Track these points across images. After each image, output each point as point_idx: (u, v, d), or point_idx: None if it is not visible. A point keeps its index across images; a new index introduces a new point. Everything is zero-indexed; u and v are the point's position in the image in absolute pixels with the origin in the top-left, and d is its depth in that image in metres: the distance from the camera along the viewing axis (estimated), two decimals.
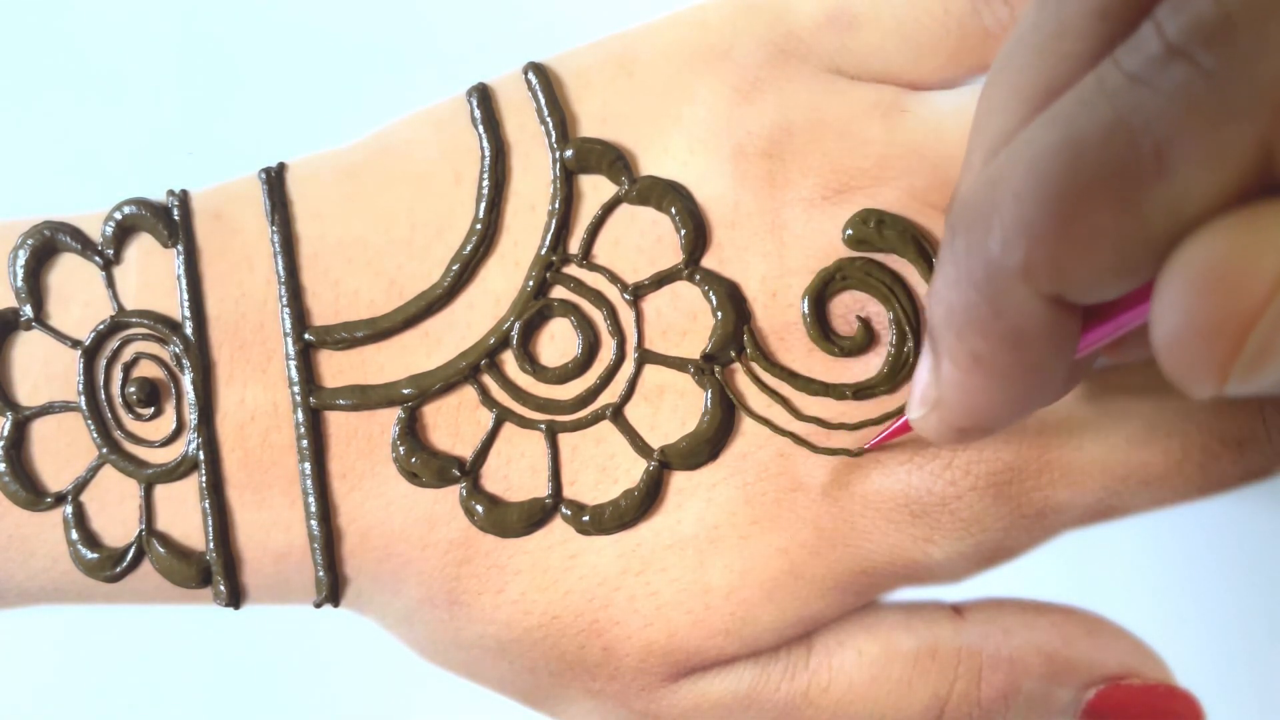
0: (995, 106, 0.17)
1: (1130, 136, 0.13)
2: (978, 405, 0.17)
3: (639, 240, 0.23)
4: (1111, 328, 0.16)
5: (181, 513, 0.23)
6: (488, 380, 0.23)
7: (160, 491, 0.23)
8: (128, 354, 0.24)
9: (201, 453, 0.23)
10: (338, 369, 0.23)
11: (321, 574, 0.23)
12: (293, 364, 0.23)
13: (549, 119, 0.23)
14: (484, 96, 0.24)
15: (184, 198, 0.24)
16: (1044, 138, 0.14)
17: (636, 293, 0.23)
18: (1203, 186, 0.13)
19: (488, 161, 0.23)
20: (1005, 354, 0.16)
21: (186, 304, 0.23)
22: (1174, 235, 0.13)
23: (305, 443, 0.23)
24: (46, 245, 0.24)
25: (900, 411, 0.21)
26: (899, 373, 0.22)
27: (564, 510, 0.23)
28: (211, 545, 0.23)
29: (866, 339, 0.22)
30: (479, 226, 0.23)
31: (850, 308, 0.23)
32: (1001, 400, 0.16)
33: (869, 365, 0.22)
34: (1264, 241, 0.13)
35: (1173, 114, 0.13)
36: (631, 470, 0.23)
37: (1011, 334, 0.15)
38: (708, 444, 0.23)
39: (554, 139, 0.23)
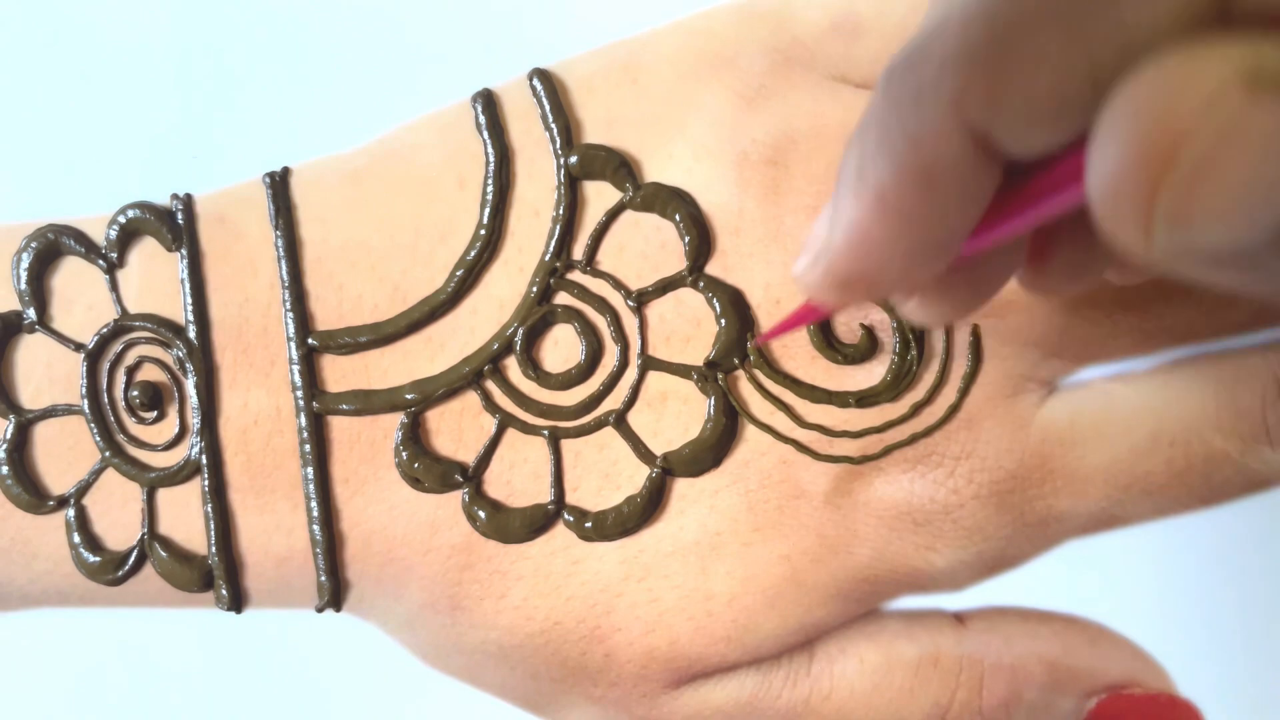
0: None
1: None
2: (870, 249, 0.15)
3: (643, 246, 0.23)
4: (1031, 214, 0.15)
5: (184, 516, 0.23)
6: (491, 386, 0.23)
7: (162, 495, 0.23)
8: (131, 357, 0.24)
9: (204, 457, 0.23)
10: (341, 374, 0.23)
11: (323, 579, 0.23)
12: (296, 368, 0.23)
13: (553, 125, 0.23)
14: (489, 102, 0.24)
15: (188, 201, 0.24)
16: None
17: (640, 299, 0.23)
18: (1152, 12, 0.12)
19: (492, 167, 0.23)
20: (912, 191, 0.14)
21: (190, 308, 0.23)
22: (1117, 69, 0.12)
23: (308, 447, 0.23)
24: (50, 248, 0.24)
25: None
26: (902, 380, 0.22)
27: (566, 516, 0.23)
28: (213, 549, 0.23)
29: (869, 347, 0.22)
30: (483, 232, 0.23)
31: (853, 315, 0.23)
32: (894, 247, 0.15)
33: (872, 373, 0.22)
34: (1201, 70, 0.11)
35: None
36: (634, 476, 0.23)
37: (925, 169, 0.14)
38: (710, 451, 0.22)
39: (558, 145, 0.23)
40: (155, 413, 0.23)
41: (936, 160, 0.14)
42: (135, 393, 0.23)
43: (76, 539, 0.23)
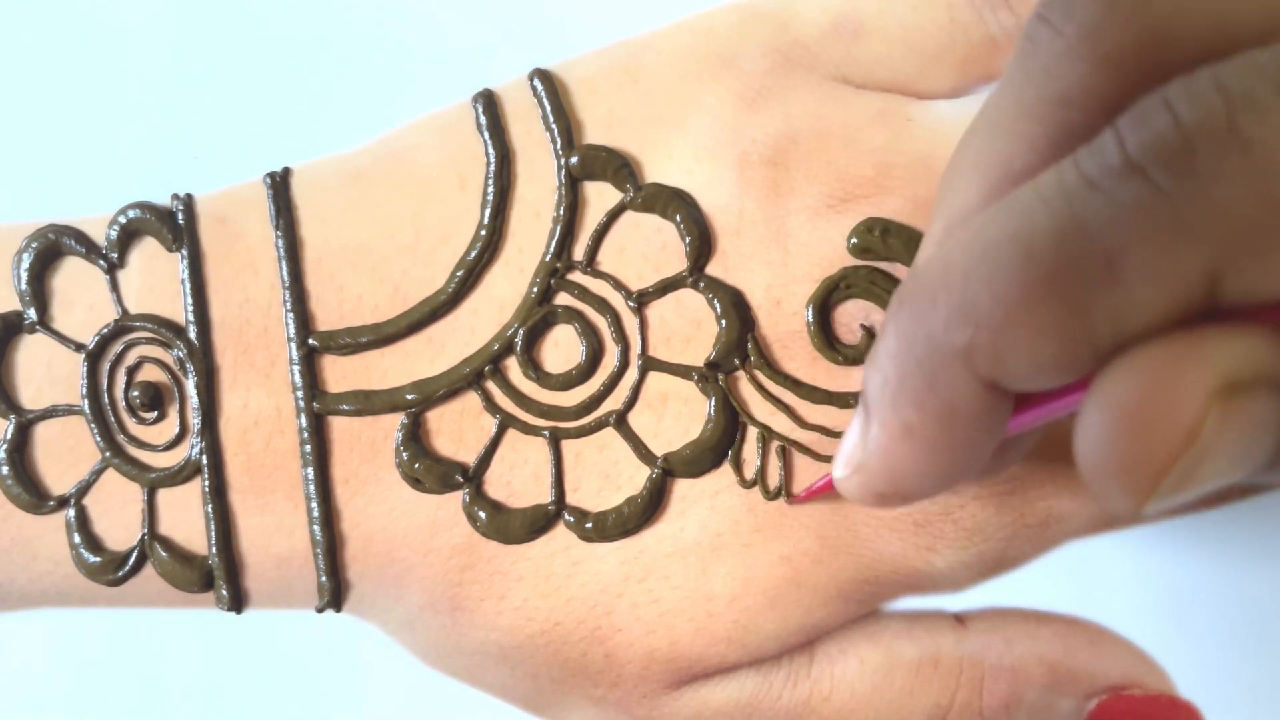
0: (957, 180, 0.17)
1: (1083, 241, 0.14)
2: (901, 473, 0.17)
3: (643, 247, 0.23)
4: (1042, 413, 0.16)
5: (184, 517, 0.23)
6: (491, 386, 0.23)
7: (163, 495, 0.23)
8: (131, 358, 0.24)
9: (204, 457, 0.23)
10: (341, 374, 0.23)
11: (324, 579, 0.23)
12: (296, 369, 0.23)
13: (554, 125, 0.23)
14: (489, 102, 0.24)
15: (188, 202, 0.24)
16: (999, 227, 0.15)
17: (641, 300, 0.23)
18: (1148, 301, 0.13)
19: (493, 167, 0.23)
20: (935, 428, 0.16)
21: (190, 308, 0.23)
22: (1117, 344, 0.14)
23: (308, 448, 0.23)
24: (51, 248, 0.24)
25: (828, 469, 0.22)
26: None
27: (567, 517, 0.23)
28: (214, 550, 0.23)
29: (870, 347, 0.22)
30: (483, 232, 0.23)
31: (854, 316, 0.23)
32: (925, 471, 0.17)
33: None
34: (1188, 379, 0.13)
35: (1126, 226, 0.13)
36: (635, 477, 0.23)
37: (944, 410, 0.16)
38: (711, 451, 0.22)
39: (559, 145, 0.23)
40: (155, 413, 0.23)
41: (954, 403, 0.15)
42: (136, 393, 0.23)
43: (77, 539, 0.23)
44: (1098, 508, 0.22)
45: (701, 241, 0.23)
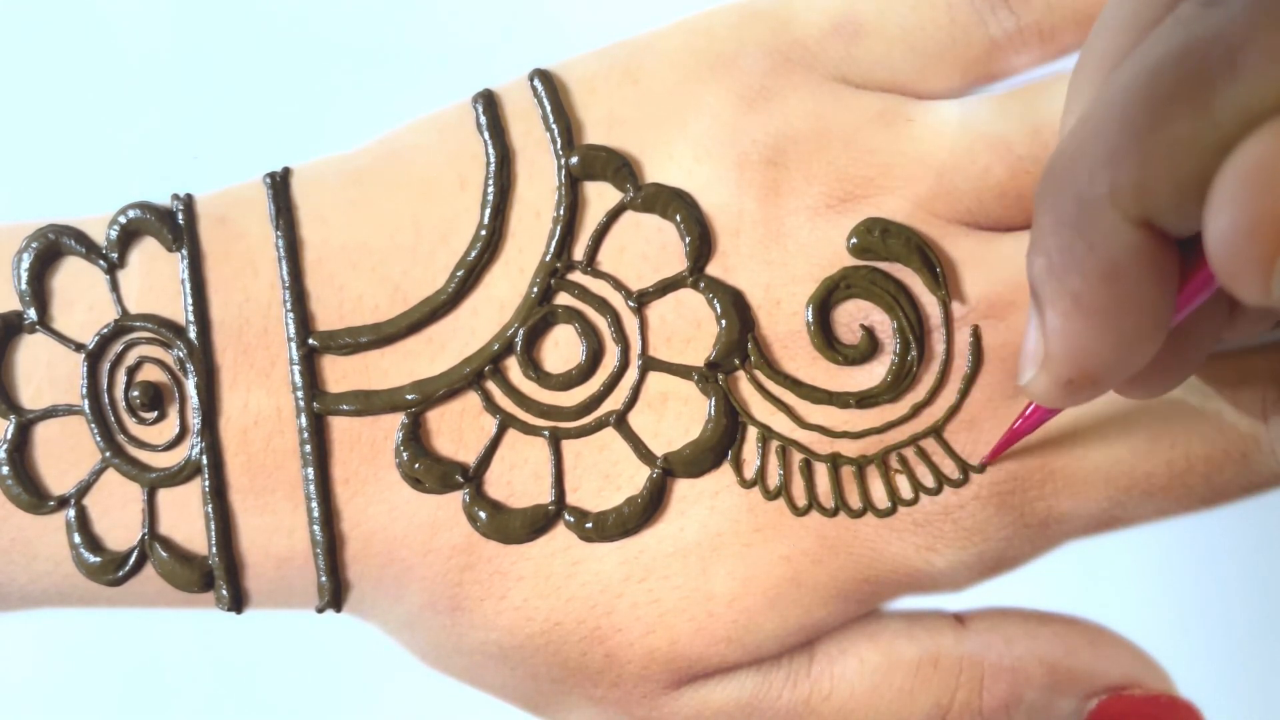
0: (1079, 82, 0.17)
1: (1204, 47, 0.14)
2: (1082, 351, 0.16)
3: (643, 247, 0.23)
4: (1204, 278, 0.16)
5: (184, 517, 0.23)
6: (491, 386, 0.23)
7: (163, 495, 0.23)
8: (131, 358, 0.24)
9: (204, 457, 0.23)
10: (341, 374, 0.23)
11: (324, 579, 0.23)
12: (296, 369, 0.23)
13: (554, 125, 0.23)
14: (489, 102, 0.24)
15: (188, 202, 0.24)
16: (1123, 74, 0.15)
17: (641, 300, 0.23)
18: (1271, 80, 0.13)
19: (493, 167, 0.23)
20: (1103, 289, 0.16)
21: (190, 308, 0.23)
22: (1244, 136, 0.13)
23: (308, 448, 0.23)
24: (50, 249, 0.24)
25: (1015, 419, 0.21)
26: (902, 381, 0.22)
27: (567, 517, 0.23)
28: (214, 550, 0.23)
29: (870, 348, 0.22)
30: (483, 232, 0.23)
31: (854, 316, 0.23)
32: (1105, 343, 0.16)
33: (872, 374, 0.22)
34: None
35: (1244, 20, 0.13)
36: (635, 477, 0.23)
37: (1108, 267, 0.15)
38: (711, 451, 0.23)
39: (559, 145, 0.23)
40: (155, 413, 0.23)
41: (1114, 256, 0.15)
42: (136, 393, 0.23)
43: (77, 539, 0.23)
44: (1098, 508, 0.22)
45: (701, 241, 0.23)
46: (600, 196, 0.23)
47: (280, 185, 0.24)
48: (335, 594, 0.23)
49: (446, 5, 0.37)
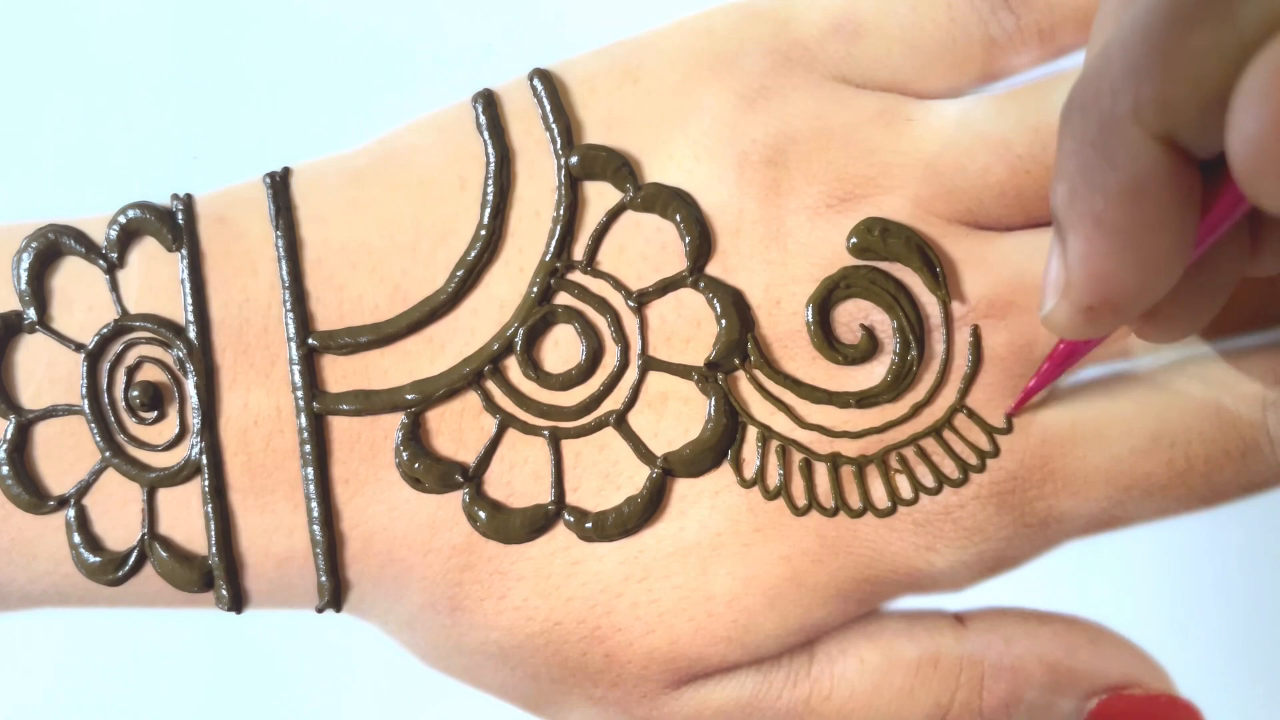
0: (1103, 17, 0.17)
1: None
2: (1104, 275, 0.16)
3: (643, 247, 0.23)
4: (1226, 207, 0.16)
5: (184, 517, 0.23)
6: (491, 386, 0.23)
7: (163, 495, 0.23)
8: (131, 357, 0.24)
9: (204, 457, 0.23)
10: (341, 374, 0.23)
11: (324, 579, 0.23)
12: (296, 369, 0.23)
13: (554, 125, 0.23)
14: (489, 102, 0.24)
15: (188, 201, 0.24)
16: None
17: (640, 299, 0.23)
18: None
19: (493, 167, 0.23)
20: (1125, 209, 0.16)
21: (190, 308, 0.23)
22: (1266, 41, 0.13)
23: (308, 448, 0.23)
24: (50, 248, 0.24)
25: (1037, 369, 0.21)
26: (902, 381, 0.22)
27: (567, 517, 0.23)
28: (214, 549, 0.23)
29: (870, 347, 0.22)
30: (483, 232, 0.23)
31: (854, 316, 0.23)
32: (1126, 266, 0.16)
33: (872, 373, 0.22)
34: None
35: None
36: (634, 477, 0.23)
37: (1130, 185, 0.15)
38: (711, 451, 0.22)
39: (559, 145, 0.23)
40: (155, 413, 0.23)
41: (1136, 174, 0.15)
42: (135, 393, 0.23)
43: (77, 539, 0.23)
44: (1098, 508, 0.22)
45: (701, 241, 0.23)
46: (600, 196, 0.23)
47: (280, 185, 0.24)
48: (335, 594, 0.23)
49: (446, 5, 0.37)
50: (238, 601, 0.24)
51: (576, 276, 0.23)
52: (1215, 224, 0.16)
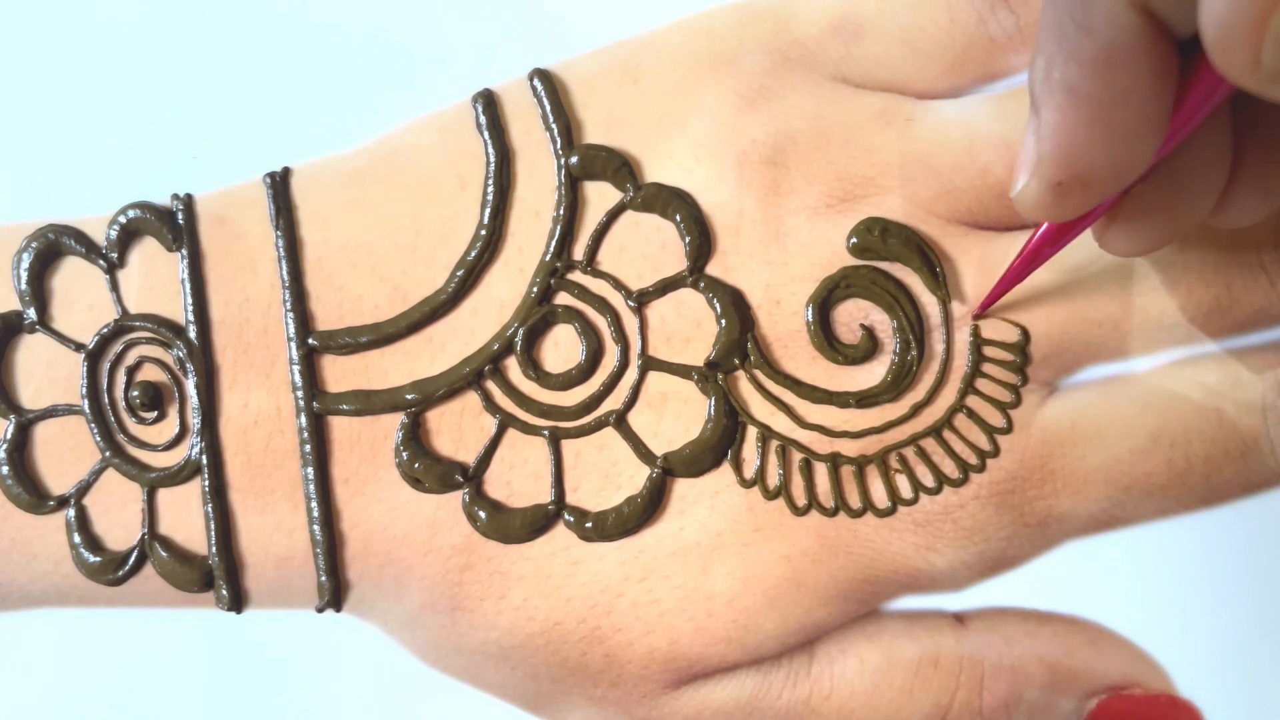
0: None
1: None
2: (1074, 148, 0.16)
3: (643, 247, 0.23)
4: (1201, 96, 0.16)
5: (184, 517, 0.23)
6: (491, 386, 0.23)
7: (163, 495, 0.23)
8: (131, 357, 0.24)
9: (204, 457, 0.23)
10: (341, 374, 0.23)
11: (324, 579, 0.23)
12: (296, 369, 0.23)
13: (554, 125, 0.23)
14: (489, 102, 0.24)
15: (188, 202, 0.24)
16: None
17: (640, 299, 0.23)
18: None
19: (492, 167, 0.23)
20: (1098, 78, 0.15)
21: (190, 308, 0.23)
22: None
23: (308, 448, 0.23)
24: (50, 248, 0.24)
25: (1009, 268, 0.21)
26: (902, 381, 0.22)
27: (567, 517, 0.23)
28: (214, 549, 0.23)
29: (870, 347, 0.22)
30: (483, 232, 0.23)
31: (854, 316, 0.23)
32: (1097, 139, 0.16)
33: (872, 373, 0.22)
34: None
35: None
36: (634, 477, 0.23)
37: (1104, 52, 0.15)
38: (711, 451, 0.23)
39: (559, 145, 0.23)
40: (155, 413, 0.23)
41: (1111, 41, 0.15)
42: (135, 393, 0.23)
43: (77, 539, 0.23)
44: (1098, 507, 0.22)
45: (701, 241, 0.23)
46: (600, 196, 0.23)
47: (280, 185, 0.24)
48: (335, 594, 0.23)
49: (446, 5, 0.37)
50: (238, 601, 0.24)
51: (576, 276, 0.23)
52: (1192, 111, 0.16)
